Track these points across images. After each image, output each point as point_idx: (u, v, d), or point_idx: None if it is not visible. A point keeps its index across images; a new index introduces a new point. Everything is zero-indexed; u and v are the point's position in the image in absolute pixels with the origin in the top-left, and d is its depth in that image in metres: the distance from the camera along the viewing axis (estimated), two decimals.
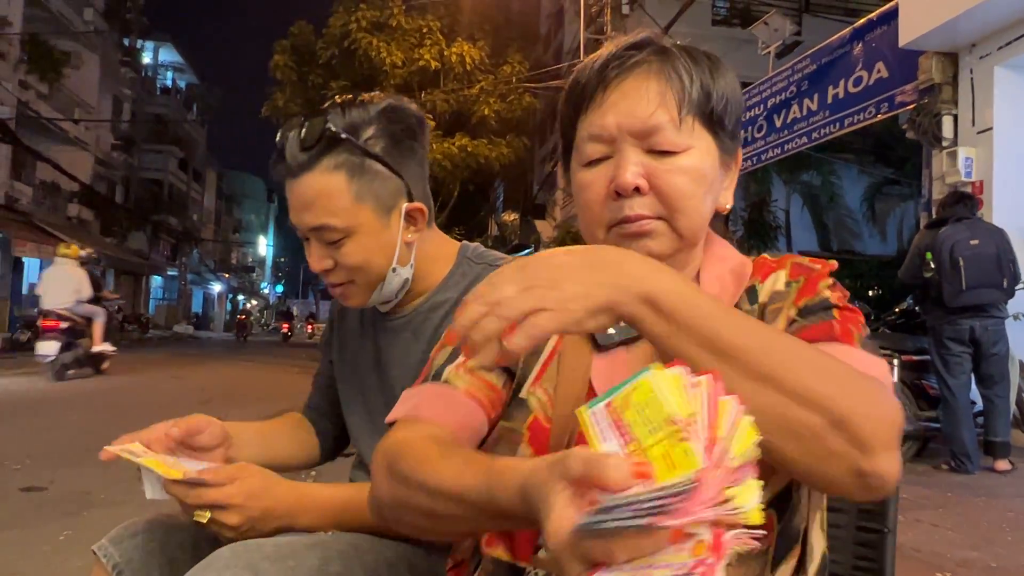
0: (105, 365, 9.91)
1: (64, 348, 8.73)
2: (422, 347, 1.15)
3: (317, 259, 1.11)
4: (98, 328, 9.44)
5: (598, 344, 0.79)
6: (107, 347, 9.76)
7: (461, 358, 0.84)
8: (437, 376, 0.84)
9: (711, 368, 0.56)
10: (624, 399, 0.54)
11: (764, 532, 0.69)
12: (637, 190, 0.75)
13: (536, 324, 0.59)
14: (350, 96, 1.11)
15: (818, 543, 0.76)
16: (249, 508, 0.96)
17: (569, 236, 17.32)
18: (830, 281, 0.79)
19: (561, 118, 0.85)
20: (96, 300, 9.58)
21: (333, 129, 1.04)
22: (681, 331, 0.60)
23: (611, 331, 0.78)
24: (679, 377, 0.53)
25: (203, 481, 0.96)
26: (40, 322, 8.72)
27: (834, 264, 0.82)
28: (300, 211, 1.08)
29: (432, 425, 0.77)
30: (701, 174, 0.76)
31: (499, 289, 0.59)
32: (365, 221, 1.08)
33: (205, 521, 0.95)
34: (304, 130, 1.05)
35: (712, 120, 0.78)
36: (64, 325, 8.72)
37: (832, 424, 0.58)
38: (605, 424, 0.54)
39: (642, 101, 0.75)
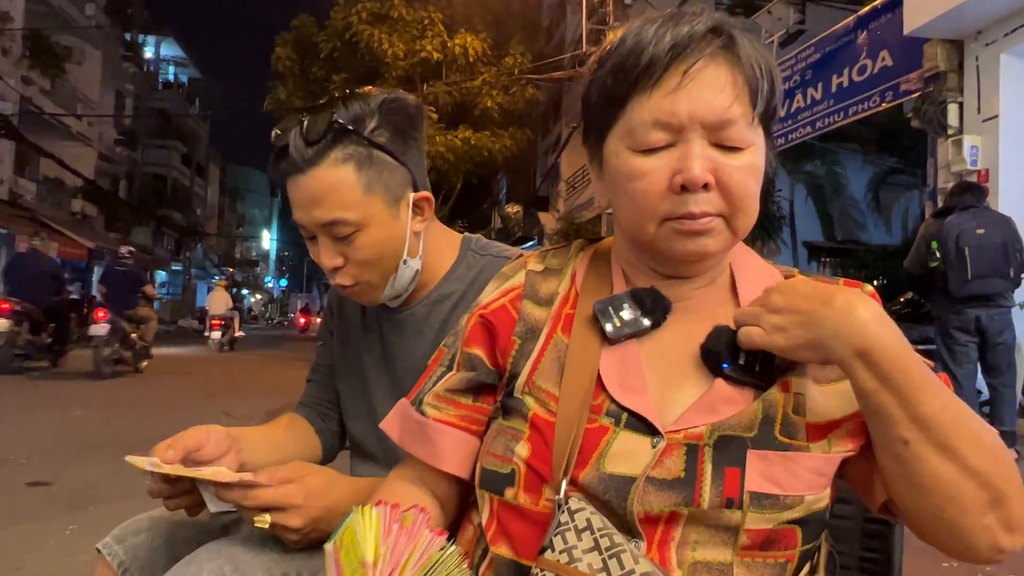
0: (236, 344, 17.10)
1: (222, 335, 16.39)
2: (429, 340, 1.14)
3: (328, 256, 1.08)
4: (237, 323, 17.24)
5: (607, 337, 0.76)
6: (241, 333, 17.82)
7: (438, 385, 0.86)
8: (420, 402, 0.86)
9: (906, 433, 0.64)
10: (341, 539, 0.63)
11: (784, 548, 0.70)
12: (704, 186, 0.71)
13: (750, 335, 0.71)
14: (348, 90, 1.09)
15: (824, 544, 0.76)
16: (310, 508, 0.93)
17: (572, 228, 17.30)
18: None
19: (603, 89, 0.75)
20: (234, 308, 17.58)
21: (340, 121, 1.03)
22: (887, 392, 0.65)
23: (618, 324, 0.76)
24: (378, 518, 0.61)
25: (257, 483, 0.92)
26: (211, 322, 16.68)
27: (874, 294, 0.78)
28: (309, 207, 1.05)
29: (408, 471, 0.87)
30: (760, 171, 0.74)
31: (768, 305, 0.71)
32: (376, 212, 1.06)
33: (267, 526, 0.91)
34: (307, 125, 1.03)
35: (769, 117, 0.75)
36: (222, 323, 16.47)
37: (993, 501, 0.65)
38: (331, 562, 0.63)
39: (721, 92, 0.70)
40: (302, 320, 30.72)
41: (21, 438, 5.15)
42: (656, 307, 0.77)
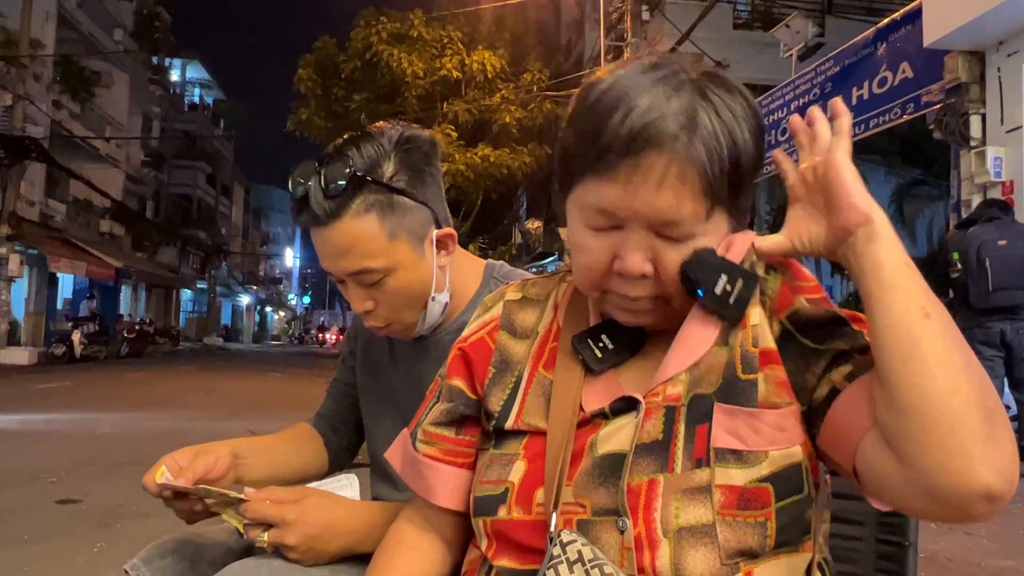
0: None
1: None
2: None
3: (358, 301, 1.10)
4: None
5: (589, 368, 0.78)
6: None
7: (427, 417, 0.89)
8: (415, 436, 0.90)
9: (928, 304, 0.64)
10: None
11: (759, 507, 0.68)
12: (643, 275, 0.72)
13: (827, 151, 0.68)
14: (358, 132, 1.09)
15: (815, 555, 0.74)
16: (304, 525, 0.95)
17: None
18: (812, 283, 0.77)
19: (564, 154, 0.74)
20: (343, 327, 32.88)
21: (359, 173, 1.02)
22: (912, 272, 0.65)
23: (597, 356, 0.78)
24: None
25: (243, 498, 0.97)
26: (333, 336, 34.71)
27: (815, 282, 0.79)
28: (336, 258, 1.06)
29: (414, 513, 0.90)
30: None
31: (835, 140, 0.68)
32: (402, 257, 1.07)
33: (266, 545, 0.95)
34: (326, 176, 1.02)
35: (732, 200, 0.72)
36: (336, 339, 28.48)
37: (993, 413, 0.61)
38: None
39: (670, 193, 0.68)
40: (320, 337, 36.98)
41: (51, 456, 5.24)
42: (633, 338, 0.79)
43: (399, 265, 1.07)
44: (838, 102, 0.70)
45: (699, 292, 0.71)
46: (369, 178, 1.03)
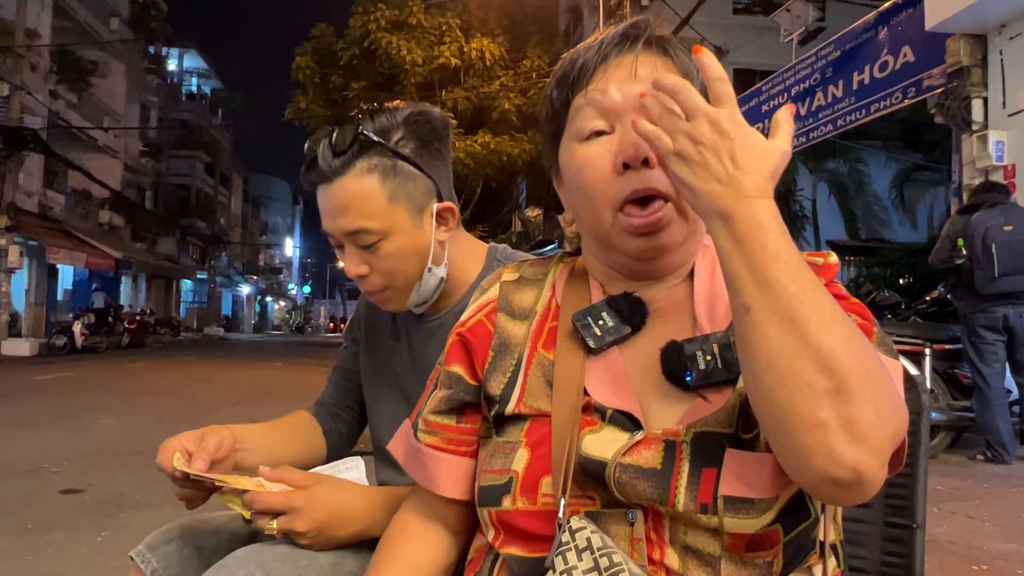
0: None
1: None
2: None
3: (353, 264, 1.11)
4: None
5: (590, 348, 0.77)
6: None
7: (424, 407, 0.88)
8: (416, 426, 0.89)
9: (750, 294, 0.60)
10: None
11: (769, 547, 0.67)
12: (645, 161, 0.72)
13: (659, 136, 0.65)
14: (375, 104, 1.13)
15: (828, 536, 0.73)
16: (313, 511, 0.96)
17: None
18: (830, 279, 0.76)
19: (551, 103, 0.82)
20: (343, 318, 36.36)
21: (366, 133, 1.06)
22: (740, 255, 0.61)
23: (599, 334, 0.76)
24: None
25: (259, 492, 0.96)
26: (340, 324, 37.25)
27: (835, 263, 0.78)
28: (335, 216, 1.09)
29: (418, 502, 0.89)
30: None
31: (696, 124, 0.63)
32: (399, 222, 1.09)
33: (276, 532, 0.95)
34: (336, 136, 1.06)
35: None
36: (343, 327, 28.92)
37: (834, 392, 0.56)
38: None
39: (645, 70, 0.75)
40: (331, 325, 36.43)
41: (53, 447, 5.25)
42: (634, 313, 0.77)
43: (396, 229, 1.09)
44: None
45: (688, 379, 0.71)
46: (376, 138, 1.06)
